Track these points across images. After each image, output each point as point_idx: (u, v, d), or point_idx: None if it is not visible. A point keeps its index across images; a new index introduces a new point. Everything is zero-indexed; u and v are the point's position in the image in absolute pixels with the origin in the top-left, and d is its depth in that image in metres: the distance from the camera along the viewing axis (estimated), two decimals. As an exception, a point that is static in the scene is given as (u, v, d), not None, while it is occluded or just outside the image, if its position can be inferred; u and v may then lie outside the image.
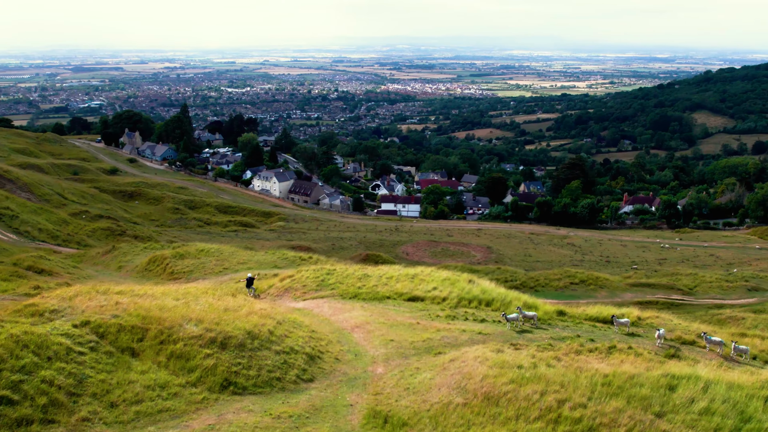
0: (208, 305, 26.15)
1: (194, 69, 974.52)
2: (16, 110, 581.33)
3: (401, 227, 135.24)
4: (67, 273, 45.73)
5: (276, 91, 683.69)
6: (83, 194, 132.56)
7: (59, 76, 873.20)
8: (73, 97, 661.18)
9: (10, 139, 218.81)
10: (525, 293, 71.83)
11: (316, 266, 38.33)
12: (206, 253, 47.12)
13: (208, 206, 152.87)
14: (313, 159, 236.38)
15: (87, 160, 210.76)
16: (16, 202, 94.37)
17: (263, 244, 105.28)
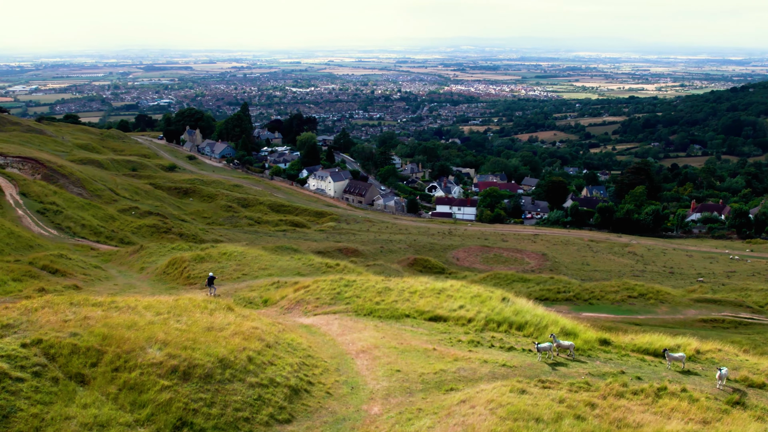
0: (191, 323, 22.85)
1: (260, 69, 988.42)
2: (89, 107, 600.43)
3: (454, 231, 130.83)
4: (82, 274, 43.54)
5: (339, 91, 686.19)
6: (137, 190, 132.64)
7: (131, 75, 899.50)
8: (143, 95, 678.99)
9: (75, 135, 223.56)
10: (578, 306, 67.14)
11: (335, 276, 34.76)
12: (228, 256, 44.21)
13: (261, 205, 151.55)
14: (371, 159, 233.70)
15: (147, 156, 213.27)
16: (64, 197, 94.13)
17: (309, 245, 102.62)
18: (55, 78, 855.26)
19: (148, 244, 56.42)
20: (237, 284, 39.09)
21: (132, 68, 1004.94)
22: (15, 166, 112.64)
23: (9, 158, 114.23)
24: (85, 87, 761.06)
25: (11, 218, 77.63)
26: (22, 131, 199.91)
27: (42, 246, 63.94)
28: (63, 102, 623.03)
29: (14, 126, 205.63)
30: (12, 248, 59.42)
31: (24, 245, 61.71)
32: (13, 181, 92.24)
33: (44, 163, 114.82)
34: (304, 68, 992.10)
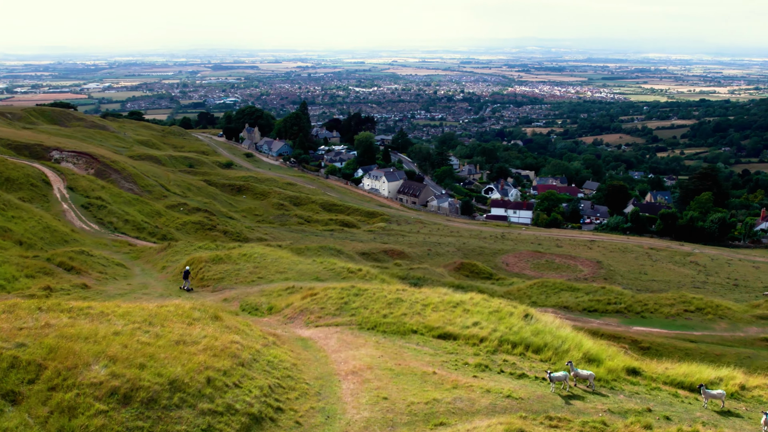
0: (160, 335, 20.63)
1: (325, 68, 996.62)
2: (158, 105, 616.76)
3: (508, 234, 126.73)
4: (98, 272, 42.27)
5: (402, 92, 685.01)
6: (189, 186, 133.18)
7: (200, 74, 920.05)
8: (210, 94, 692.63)
9: (137, 131, 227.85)
10: (629, 319, 62.83)
11: (346, 284, 32.14)
12: (247, 258, 42.20)
13: (313, 203, 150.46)
14: (428, 159, 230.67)
15: (206, 153, 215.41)
16: (112, 192, 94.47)
17: (354, 245, 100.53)
18: (127, 76, 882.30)
19: (175, 243, 55.11)
20: (249, 288, 36.97)
21: (200, 67, 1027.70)
22: (70, 160, 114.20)
23: (65, 153, 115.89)
24: (155, 85, 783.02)
25: (55, 212, 77.97)
26: (86, 127, 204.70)
27: (77, 241, 63.53)
28: (134, 99, 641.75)
29: (78, 122, 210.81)
30: (45, 242, 59.05)
31: (59, 240, 61.35)
32: (62, 175, 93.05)
33: (98, 158, 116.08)
34: (368, 68, 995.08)
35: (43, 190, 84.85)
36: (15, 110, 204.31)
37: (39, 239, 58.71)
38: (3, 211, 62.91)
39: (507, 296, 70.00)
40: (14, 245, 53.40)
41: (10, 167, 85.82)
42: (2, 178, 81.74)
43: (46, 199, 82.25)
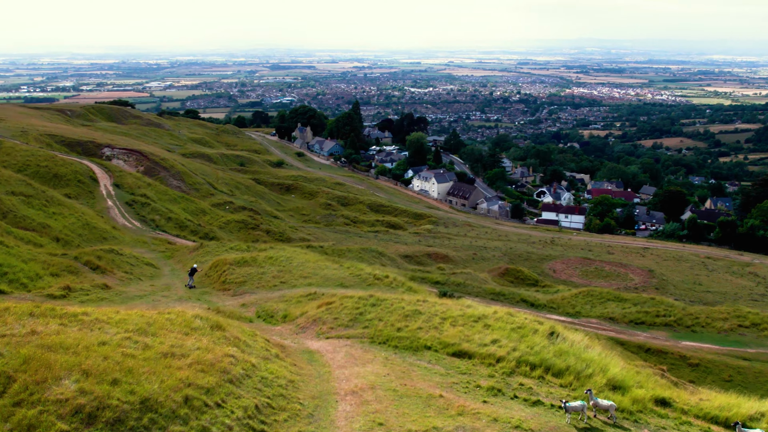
0: (148, 347, 19.52)
1: (381, 69, 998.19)
2: (217, 104, 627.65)
3: (557, 240, 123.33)
4: (124, 272, 41.83)
5: (458, 92, 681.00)
6: (237, 185, 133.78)
7: (258, 73, 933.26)
8: (267, 93, 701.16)
9: (191, 130, 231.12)
10: (678, 333, 59.66)
11: (364, 293, 30.63)
12: (272, 261, 41.12)
13: (361, 204, 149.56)
14: (480, 161, 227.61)
15: (258, 152, 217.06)
16: (157, 189, 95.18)
17: (397, 248, 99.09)
18: (188, 75, 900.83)
19: (207, 243, 54.57)
20: (270, 293, 35.82)
21: (259, 67, 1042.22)
22: (120, 157, 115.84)
23: (116, 150, 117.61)
24: (214, 84, 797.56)
25: (99, 209, 78.73)
26: (142, 125, 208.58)
27: (116, 238, 63.74)
28: (193, 98, 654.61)
29: (135, 119, 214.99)
30: (83, 239, 59.34)
31: (96, 237, 61.62)
32: (109, 172, 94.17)
33: (147, 156, 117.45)
34: (424, 69, 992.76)
35: (89, 186, 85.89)
36: (75, 107, 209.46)
37: (77, 236, 59.00)
38: (45, 207, 63.55)
39: (550, 305, 67.66)
40: (51, 241, 53.67)
41: (59, 164, 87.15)
42: (51, 174, 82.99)
43: (92, 196, 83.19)
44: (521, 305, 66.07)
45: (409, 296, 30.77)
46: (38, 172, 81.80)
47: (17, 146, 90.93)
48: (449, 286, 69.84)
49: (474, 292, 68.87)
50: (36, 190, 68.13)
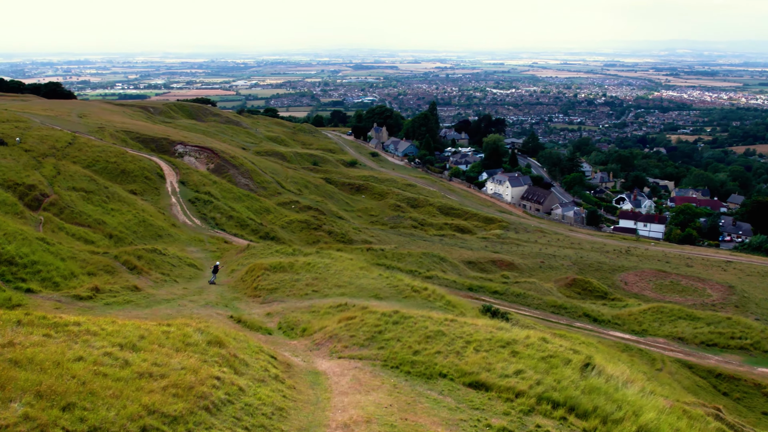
0: (128, 364, 18.11)
1: (463, 69, 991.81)
2: (300, 102, 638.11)
3: (633, 250, 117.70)
4: (161, 273, 41.17)
5: (540, 94, 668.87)
6: (307, 184, 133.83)
7: (341, 73, 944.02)
8: (349, 93, 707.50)
9: (269, 128, 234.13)
10: (755, 358, 54.90)
11: (388, 309, 28.56)
12: (309, 268, 39.55)
13: (431, 206, 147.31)
14: (558, 165, 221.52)
15: (332, 151, 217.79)
16: (223, 187, 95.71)
17: (461, 253, 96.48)
18: (273, 74, 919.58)
19: (254, 245, 53.65)
20: (300, 302, 34.23)
21: (342, 67, 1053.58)
22: (192, 154, 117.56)
23: (188, 147, 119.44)
24: (298, 83, 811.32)
25: (162, 205, 79.49)
26: (221, 122, 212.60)
27: (171, 236, 63.85)
28: (277, 96, 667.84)
29: (214, 117, 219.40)
30: (137, 236, 59.58)
31: (151, 234, 61.82)
32: (176, 169, 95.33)
33: (218, 153, 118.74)
34: (507, 70, 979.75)
35: (156, 183, 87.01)
36: (158, 105, 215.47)
37: (131, 233, 59.27)
38: (104, 203, 64.27)
39: (614, 321, 63.83)
40: (104, 238, 53.93)
41: (128, 160, 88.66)
42: (119, 170, 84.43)
43: (157, 193, 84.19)
44: (583, 320, 62.59)
45: (438, 314, 28.51)
46: (107, 168, 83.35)
47: (91, 142, 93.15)
48: (507, 296, 66.95)
49: (533, 304, 65.76)
50: (99, 186, 69.14)
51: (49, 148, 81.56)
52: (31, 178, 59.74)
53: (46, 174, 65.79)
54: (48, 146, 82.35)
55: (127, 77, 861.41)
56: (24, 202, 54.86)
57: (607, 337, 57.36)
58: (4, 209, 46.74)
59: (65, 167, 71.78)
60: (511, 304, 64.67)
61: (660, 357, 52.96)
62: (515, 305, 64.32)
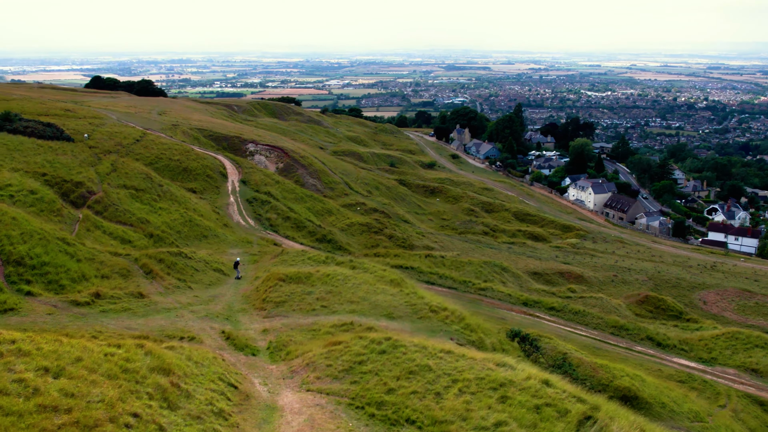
0: (36, 392, 16.16)
1: (557, 71, 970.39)
2: (390, 102, 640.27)
3: (720, 265, 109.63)
4: (177, 279, 39.67)
5: (638, 97, 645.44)
6: (378, 185, 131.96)
7: (433, 74, 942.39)
8: (440, 93, 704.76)
9: (350, 128, 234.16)
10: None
11: (378, 335, 25.69)
12: (326, 280, 37.07)
13: (506, 211, 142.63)
14: (647, 171, 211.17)
15: (412, 152, 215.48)
16: (285, 187, 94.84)
17: (527, 263, 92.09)
18: (366, 74, 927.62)
19: (287, 251, 51.71)
20: (304, 318, 31.85)
21: (434, 67, 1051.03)
22: (263, 153, 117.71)
23: (259, 146, 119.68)
24: (389, 83, 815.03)
25: (219, 205, 79.14)
26: (302, 121, 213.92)
27: (217, 236, 62.95)
28: (368, 96, 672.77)
29: (297, 116, 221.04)
30: (180, 237, 58.88)
31: (196, 234, 61.05)
32: (239, 168, 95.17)
33: (288, 153, 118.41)
34: (603, 72, 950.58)
35: (217, 182, 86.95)
36: (241, 103, 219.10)
37: (175, 233, 58.62)
38: (154, 201, 64.06)
39: (681, 346, 58.42)
40: (143, 238, 53.37)
41: (191, 158, 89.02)
42: (180, 168, 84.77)
43: (217, 192, 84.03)
44: (645, 344, 57.55)
45: (438, 343, 25.46)
46: (168, 166, 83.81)
47: (159, 139, 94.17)
48: (564, 314, 62.56)
49: (592, 324, 61.13)
50: (153, 184, 69.16)
51: (115, 145, 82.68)
52: (82, 176, 60.02)
53: (101, 171, 66.21)
54: (114, 143, 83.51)
55: (226, 76, 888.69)
56: (69, 199, 54.98)
57: (669, 365, 52.34)
58: (39, 207, 46.60)
59: (124, 164, 72.26)
60: (567, 322, 60.35)
61: (726, 391, 47.67)
62: (571, 324, 59.97)
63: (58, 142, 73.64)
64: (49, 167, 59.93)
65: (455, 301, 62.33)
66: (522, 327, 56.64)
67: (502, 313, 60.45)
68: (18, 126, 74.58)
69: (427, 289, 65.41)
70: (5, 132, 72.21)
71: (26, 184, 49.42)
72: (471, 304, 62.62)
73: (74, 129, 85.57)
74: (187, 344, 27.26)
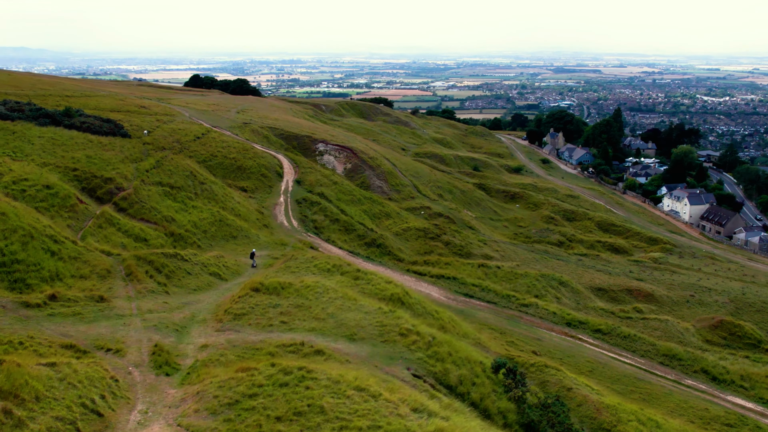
0: None
1: (672, 75, 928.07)
2: (494, 105, 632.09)
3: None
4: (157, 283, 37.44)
5: (759, 103, 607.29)
6: (452, 189, 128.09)
7: (540, 76, 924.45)
8: (546, 96, 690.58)
9: (439, 130, 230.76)
10: None
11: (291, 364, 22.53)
12: (301, 293, 33.99)
13: (589, 221, 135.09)
14: (755, 182, 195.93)
15: (501, 156, 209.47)
16: (342, 189, 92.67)
17: (593, 277, 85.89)
18: (471, 76, 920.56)
19: (295, 257, 49.13)
20: (255, 335, 29.08)
21: (542, 69, 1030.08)
22: (332, 153, 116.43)
23: (329, 146, 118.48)
24: (495, 85, 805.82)
25: (267, 204, 77.97)
26: (389, 122, 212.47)
27: (248, 237, 61.40)
28: (472, 98, 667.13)
29: (384, 117, 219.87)
30: (206, 236, 57.65)
31: (224, 234, 59.70)
32: (296, 168, 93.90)
33: (357, 153, 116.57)
34: (722, 76, 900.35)
35: (271, 181, 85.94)
36: (330, 103, 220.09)
37: (200, 232, 57.46)
38: (189, 199, 63.32)
39: (742, 382, 51.79)
40: (162, 236, 52.46)
41: (248, 156, 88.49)
42: (234, 166, 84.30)
43: (269, 191, 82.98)
44: (698, 377, 51.37)
45: (361, 376, 22.11)
46: (222, 164, 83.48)
47: (221, 137, 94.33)
48: (611, 337, 57.06)
49: (641, 350, 55.35)
50: (193, 182, 68.56)
51: (173, 142, 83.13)
52: (115, 172, 59.94)
53: (142, 167, 66.11)
54: (173, 140, 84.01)
55: (333, 76, 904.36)
56: (96, 195, 54.90)
57: (720, 404, 46.21)
58: (51, 202, 46.35)
59: (171, 161, 72.14)
60: (611, 347, 54.88)
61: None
62: (616, 350, 54.47)
63: (111, 137, 74.53)
64: (85, 162, 60.21)
65: (493, 317, 58.26)
66: (558, 350, 51.92)
67: (539, 333, 55.75)
68: (75, 122, 76.08)
69: (465, 303, 61.61)
70: (61, 127, 73.71)
71: (44, 179, 49.37)
72: (508, 321, 58.27)
73: (138, 125, 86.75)
74: (105, 356, 25.25)
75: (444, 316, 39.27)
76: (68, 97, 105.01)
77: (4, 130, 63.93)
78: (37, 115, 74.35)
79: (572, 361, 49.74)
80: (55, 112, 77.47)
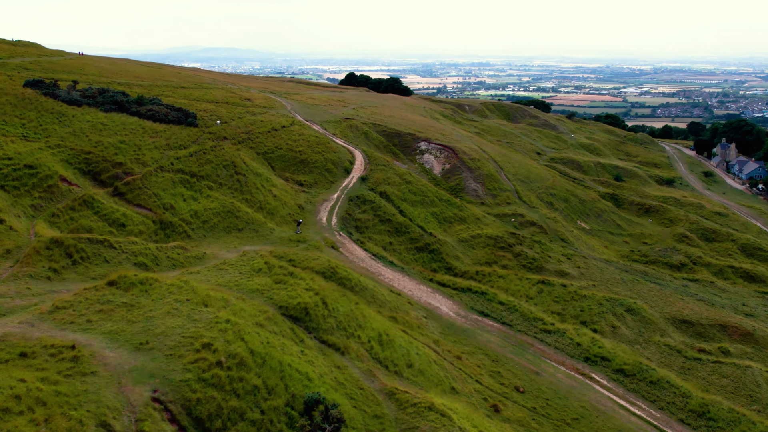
0: None
1: None
2: (689, 113, 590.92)
3: None
4: (41, 266, 36.08)
5: None
6: (568, 197, 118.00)
7: (746, 84, 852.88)
8: (751, 106, 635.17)
9: (591, 135, 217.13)
10: None
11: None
12: (148, 292, 30.15)
13: (732, 242, 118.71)
14: None
15: (657, 165, 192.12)
16: (414, 189, 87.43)
17: (684, 308, 74.11)
18: (668, 82, 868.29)
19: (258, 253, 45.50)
20: (47, 331, 26.12)
21: (750, 77, 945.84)
22: (433, 153, 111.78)
23: (431, 145, 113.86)
24: (693, 93, 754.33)
25: (315, 200, 75.09)
26: (535, 125, 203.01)
27: (257, 231, 58.68)
28: (665, 106, 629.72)
29: (531, 119, 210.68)
30: (207, 226, 55.71)
31: (228, 226, 57.10)
32: (367, 164, 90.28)
33: (458, 154, 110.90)
34: None
35: (335, 176, 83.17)
36: (474, 103, 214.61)
37: (200, 222, 55.63)
38: (208, 188, 62.07)
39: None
40: (148, 222, 51.42)
41: (317, 150, 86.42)
42: (297, 159, 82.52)
43: (328, 186, 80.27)
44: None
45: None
46: (284, 156, 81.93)
47: (300, 130, 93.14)
48: (633, 381, 48.36)
49: (663, 401, 46.04)
50: (228, 172, 67.26)
51: (242, 133, 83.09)
52: (128, 157, 60.06)
53: (174, 155, 65.96)
54: (243, 131, 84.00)
55: (521, 80, 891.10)
56: (99, 179, 55.36)
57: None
58: (24, 181, 47.06)
59: (219, 151, 71.62)
60: (627, 393, 45.72)
61: None
62: (632, 396, 45.26)
63: (170, 125, 75.60)
64: (105, 146, 60.90)
65: (497, 342, 51.15)
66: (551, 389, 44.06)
67: (543, 365, 47.84)
68: (142, 109, 78.06)
69: (474, 322, 54.86)
70: (126, 114, 75.98)
71: (29, 159, 50.00)
72: (513, 347, 50.88)
73: (219, 115, 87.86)
74: None
75: (369, 333, 33.74)
76: (183, 89, 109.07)
77: (55, 113, 66.50)
78: (104, 101, 77.21)
79: (560, 404, 41.88)
80: (126, 99, 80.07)
